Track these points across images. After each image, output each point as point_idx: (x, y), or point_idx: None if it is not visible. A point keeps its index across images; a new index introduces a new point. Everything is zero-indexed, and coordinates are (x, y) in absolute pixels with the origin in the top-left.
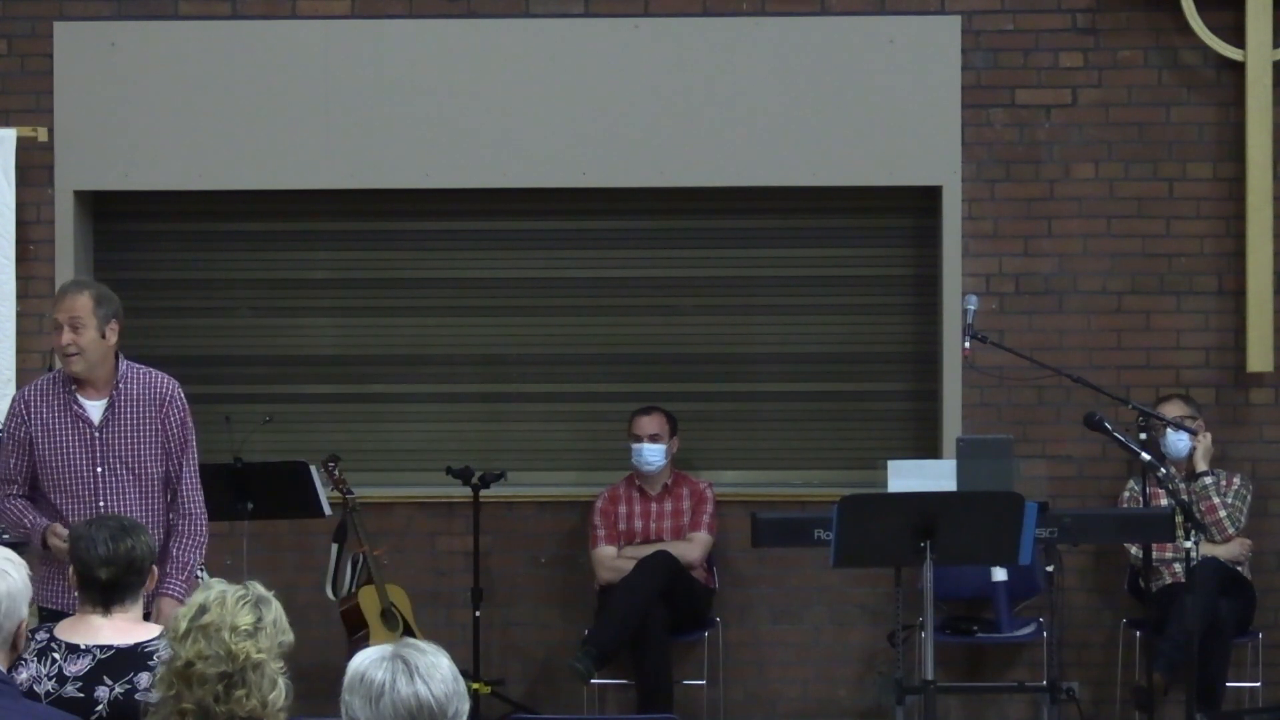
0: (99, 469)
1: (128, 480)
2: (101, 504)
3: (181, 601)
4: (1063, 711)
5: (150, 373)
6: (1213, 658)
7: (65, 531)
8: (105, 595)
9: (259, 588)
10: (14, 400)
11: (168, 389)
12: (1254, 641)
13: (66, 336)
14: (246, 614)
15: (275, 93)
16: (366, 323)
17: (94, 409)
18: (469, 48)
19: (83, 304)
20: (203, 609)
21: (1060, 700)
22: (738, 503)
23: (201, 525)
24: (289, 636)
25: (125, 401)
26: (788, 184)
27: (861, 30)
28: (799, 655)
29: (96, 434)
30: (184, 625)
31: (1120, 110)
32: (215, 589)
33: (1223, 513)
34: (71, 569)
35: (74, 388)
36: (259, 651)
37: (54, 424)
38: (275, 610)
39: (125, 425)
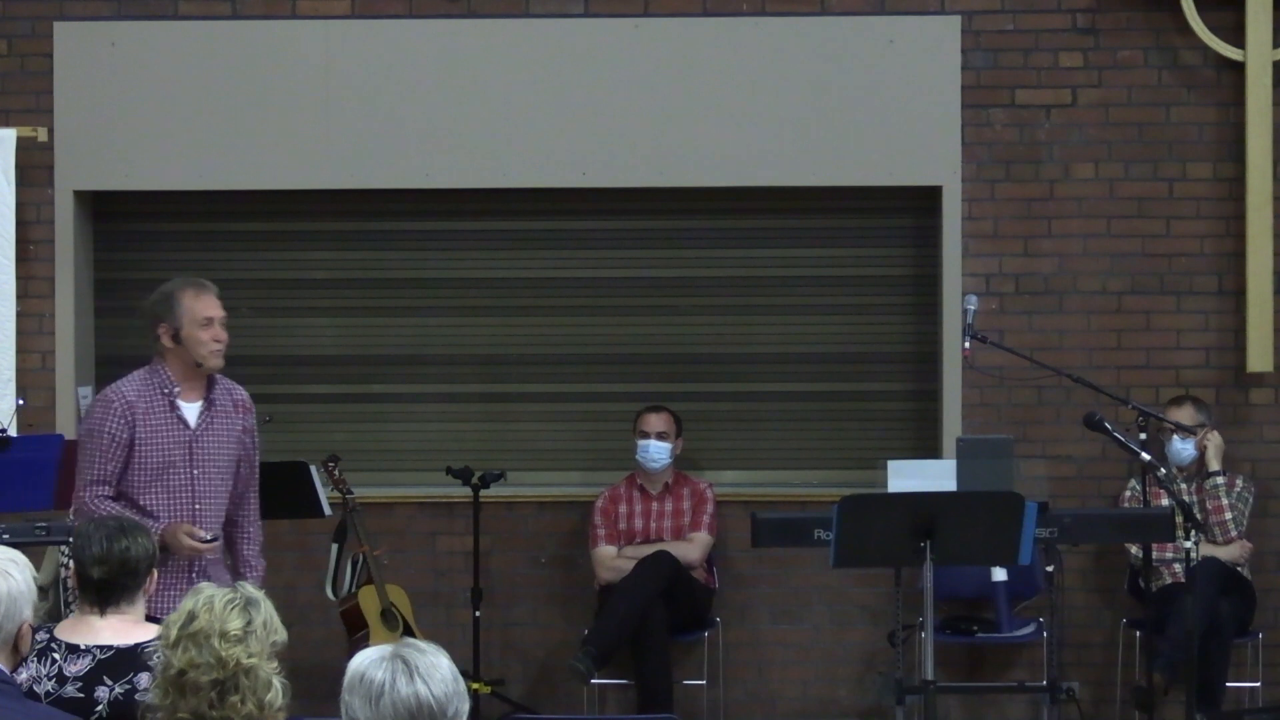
0: (195, 471)
1: (218, 483)
2: (197, 506)
3: None
4: (1063, 711)
5: (227, 380)
6: (1213, 658)
7: (201, 531)
8: (100, 595)
9: (249, 589)
10: (112, 399)
11: (245, 397)
12: (1254, 641)
13: (222, 333)
14: (236, 618)
15: (275, 93)
16: (366, 323)
17: (190, 411)
18: (469, 48)
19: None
20: (192, 616)
21: (1060, 700)
22: (738, 503)
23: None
24: (281, 636)
25: (217, 407)
26: (788, 184)
27: (861, 30)
28: (799, 655)
29: (193, 437)
30: (174, 633)
31: (1120, 110)
32: (204, 594)
33: (1229, 514)
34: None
35: (177, 390)
36: (250, 656)
37: (157, 424)
38: (265, 611)
39: (217, 430)
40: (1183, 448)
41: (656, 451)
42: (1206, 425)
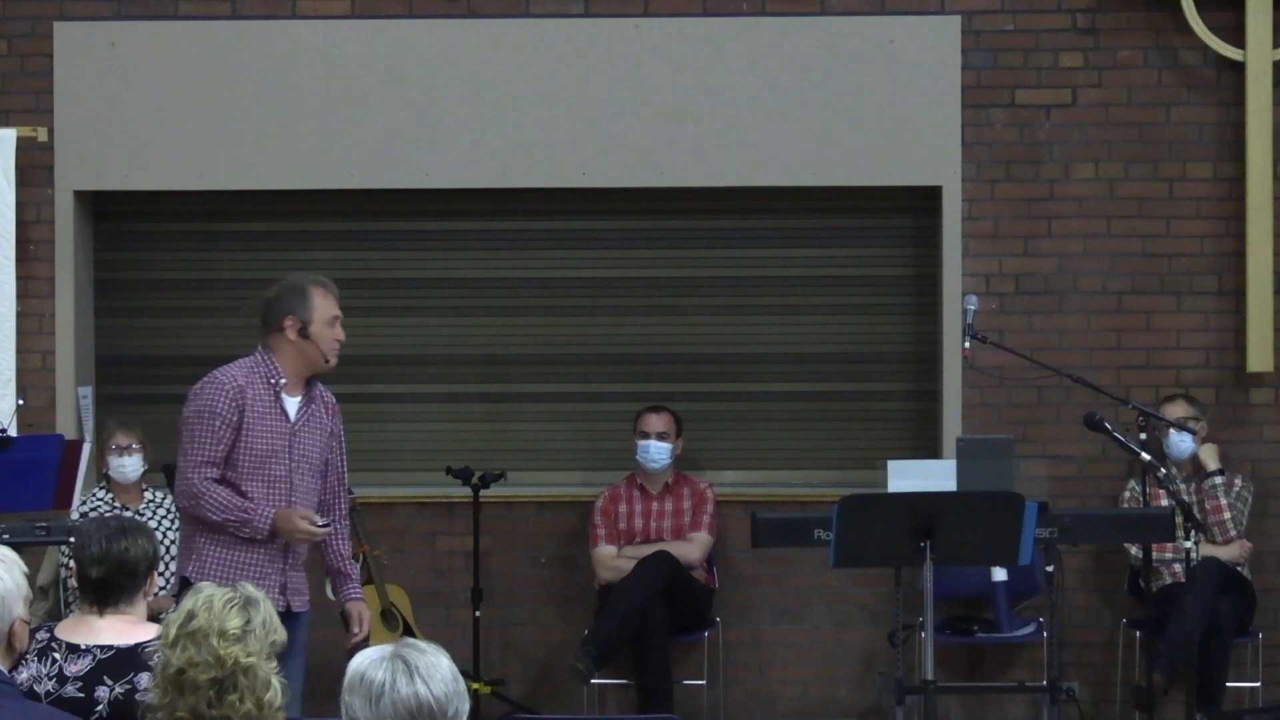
0: (290, 464)
1: (310, 481)
2: (294, 500)
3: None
4: (1063, 711)
5: (320, 382)
6: (1213, 658)
7: (316, 516)
8: (99, 595)
9: (248, 588)
10: (224, 380)
11: (334, 400)
12: (1254, 641)
13: (343, 334)
14: (234, 617)
15: (275, 93)
16: (366, 323)
17: (290, 405)
18: (469, 48)
19: None
20: (191, 615)
21: (1060, 700)
22: (738, 503)
23: None
24: (281, 635)
25: (314, 405)
26: (788, 184)
27: (861, 30)
28: (799, 655)
29: (292, 431)
30: (173, 632)
31: (1120, 110)
32: (204, 593)
33: (1228, 514)
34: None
35: (283, 382)
36: (248, 655)
37: (263, 412)
38: (264, 611)
39: (312, 428)
40: (1179, 440)
41: (657, 452)
42: (1201, 420)
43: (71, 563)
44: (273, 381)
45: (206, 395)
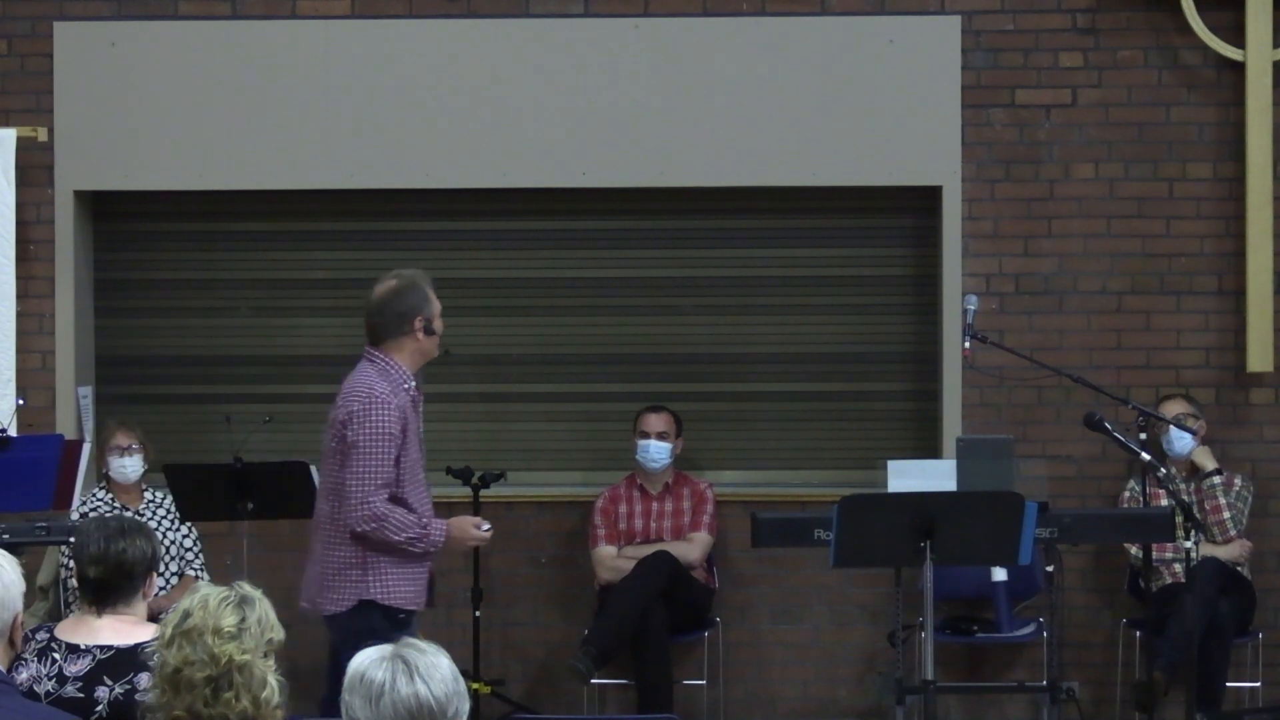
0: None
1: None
2: (429, 506)
3: None
4: (1063, 711)
5: None
6: (1213, 658)
7: (484, 521)
8: (96, 595)
9: (245, 587)
10: (388, 399)
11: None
12: (1254, 641)
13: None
14: (229, 616)
15: (275, 93)
16: None
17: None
18: (469, 48)
19: None
20: (186, 614)
21: (1060, 700)
22: (738, 503)
23: None
24: (277, 634)
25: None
26: (788, 184)
27: (861, 30)
28: (799, 655)
29: (421, 434)
30: (169, 631)
31: (1120, 110)
32: (200, 592)
33: (1227, 514)
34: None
35: (414, 385)
36: (243, 653)
37: (411, 421)
38: (260, 609)
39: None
40: (1180, 438)
41: (657, 452)
42: (1200, 419)
43: (71, 562)
44: (406, 388)
45: (378, 418)
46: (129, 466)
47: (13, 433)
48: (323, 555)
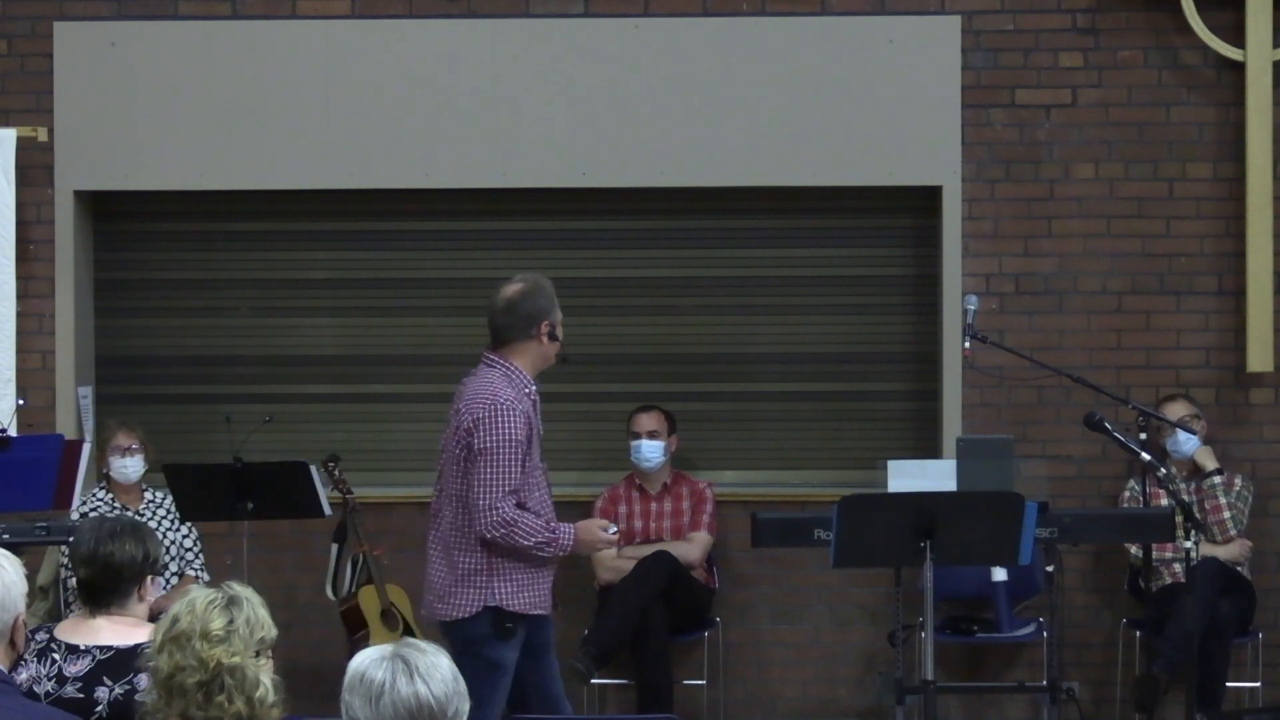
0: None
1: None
2: (551, 509)
3: None
4: (1063, 711)
5: None
6: (1213, 658)
7: (611, 524)
8: (88, 596)
9: (234, 587)
10: (514, 404)
11: None
12: (1254, 641)
13: None
14: (217, 619)
15: (275, 93)
16: (366, 323)
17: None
18: (469, 48)
19: None
20: (175, 619)
21: (1060, 700)
22: (738, 503)
23: None
24: (268, 632)
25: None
26: (788, 184)
27: (861, 30)
28: (799, 655)
29: (541, 438)
30: (159, 637)
31: (1120, 110)
32: (188, 596)
33: (1227, 514)
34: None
35: (535, 389)
36: (233, 655)
37: (535, 428)
38: (249, 609)
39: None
40: (1185, 439)
41: (649, 450)
42: (1201, 419)
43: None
44: (528, 392)
45: (505, 424)
46: (130, 467)
47: (13, 433)
48: (446, 562)
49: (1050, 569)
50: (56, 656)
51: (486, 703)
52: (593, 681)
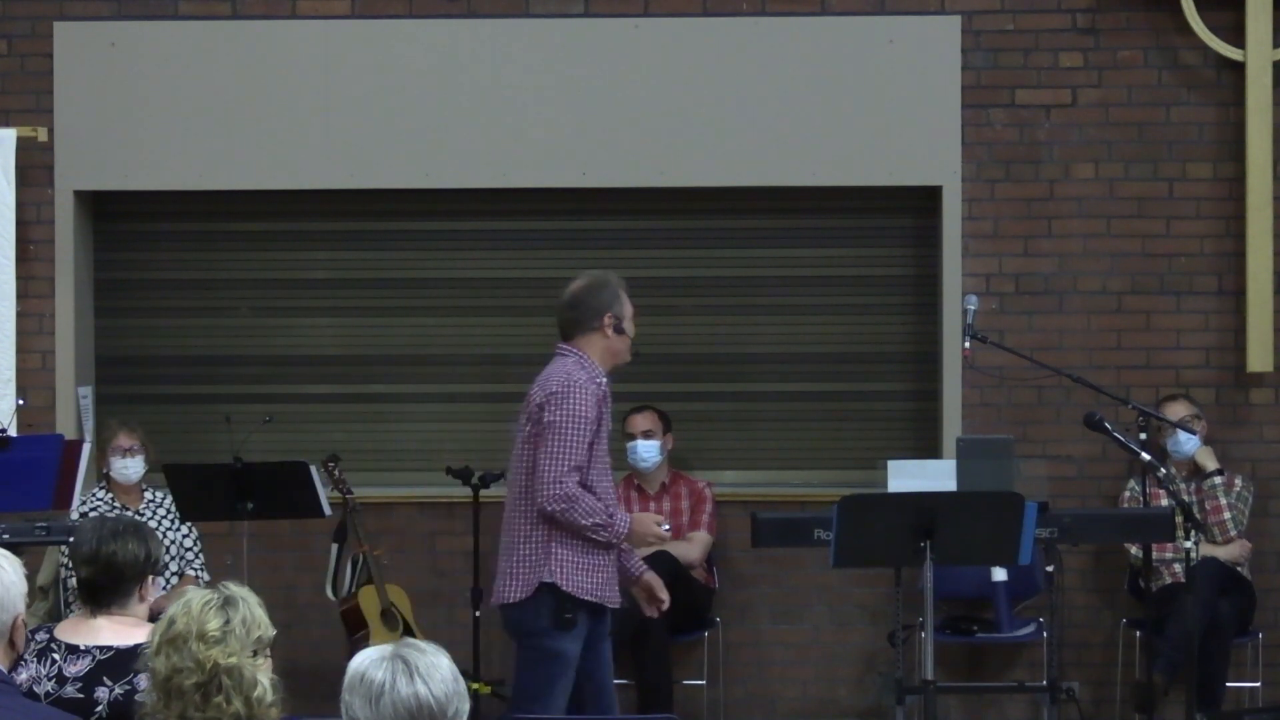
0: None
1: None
2: (613, 497)
3: None
4: (1063, 711)
5: None
6: (1213, 658)
7: (664, 519)
8: (89, 595)
9: (230, 587)
10: (588, 384)
11: None
12: (1254, 641)
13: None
14: (213, 620)
15: (275, 93)
16: (366, 323)
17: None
18: (469, 48)
19: None
20: (171, 621)
21: (1060, 700)
22: (738, 503)
23: None
24: (266, 631)
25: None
26: (788, 184)
27: (861, 30)
28: (799, 655)
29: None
30: (156, 639)
31: (1120, 110)
32: (184, 597)
33: (1227, 514)
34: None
35: (605, 379)
36: (229, 656)
37: (605, 415)
38: (244, 609)
39: None
40: (1186, 440)
41: (645, 450)
42: (1201, 419)
43: (71, 562)
44: (599, 382)
45: (576, 400)
46: (130, 467)
47: (13, 433)
48: (507, 543)
49: (1050, 569)
50: (56, 656)
51: (546, 696)
52: None
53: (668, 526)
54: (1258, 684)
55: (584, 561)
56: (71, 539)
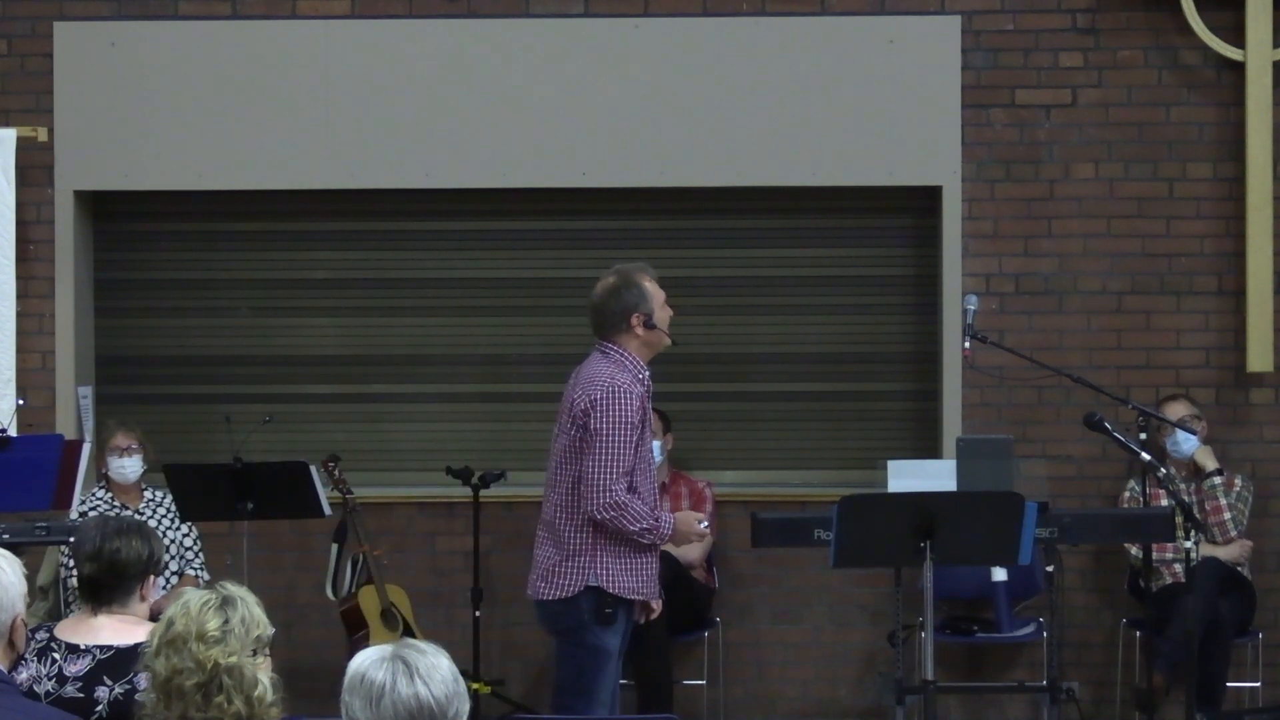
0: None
1: None
2: (655, 496)
3: None
4: (1063, 711)
5: None
6: (1213, 658)
7: (704, 517)
8: (91, 593)
9: (228, 587)
10: (630, 388)
11: None
12: (1254, 641)
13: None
14: (212, 620)
15: (275, 93)
16: (366, 323)
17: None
18: (469, 48)
19: None
20: (170, 621)
21: (1060, 700)
22: (738, 503)
23: None
24: (265, 630)
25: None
26: (788, 184)
27: (861, 30)
28: (799, 655)
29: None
30: (156, 640)
31: (1120, 110)
32: (182, 598)
33: (1227, 514)
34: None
35: (648, 376)
36: (229, 656)
37: (648, 414)
38: (243, 608)
39: None
40: (1185, 439)
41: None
42: (1201, 419)
43: (71, 562)
44: (641, 379)
45: (621, 406)
46: (128, 467)
47: (13, 433)
48: (552, 541)
49: (1050, 569)
50: (56, 656)
51: (592, 691)
52: None
53: (707, 524)
54: (1258, 684)
55: (629, 563)
56: (72, 539)
